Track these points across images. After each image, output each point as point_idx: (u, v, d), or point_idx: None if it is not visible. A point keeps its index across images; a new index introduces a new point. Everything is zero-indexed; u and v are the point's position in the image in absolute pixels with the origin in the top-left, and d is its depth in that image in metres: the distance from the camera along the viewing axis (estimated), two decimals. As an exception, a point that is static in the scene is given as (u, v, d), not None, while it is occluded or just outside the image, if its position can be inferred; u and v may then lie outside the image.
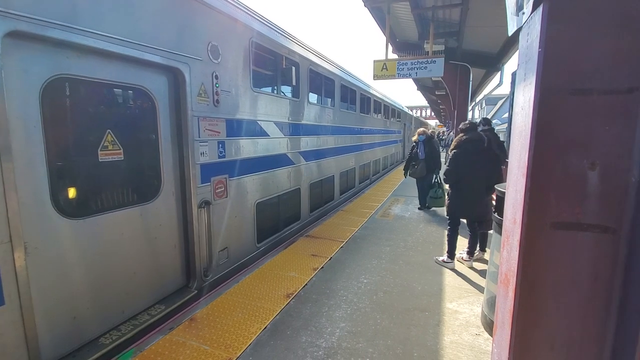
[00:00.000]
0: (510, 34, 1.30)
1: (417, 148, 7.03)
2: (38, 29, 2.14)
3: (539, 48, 1.03)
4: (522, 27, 1.19)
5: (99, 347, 2.56)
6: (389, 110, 14.37)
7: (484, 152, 3.95)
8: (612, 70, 1.06)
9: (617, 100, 1.07)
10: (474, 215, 4.14)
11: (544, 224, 1.17)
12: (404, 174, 7.48)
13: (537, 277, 1.20)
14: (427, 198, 6.91)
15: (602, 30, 1.02)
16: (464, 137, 4.00)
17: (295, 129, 5.67)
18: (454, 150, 4.03)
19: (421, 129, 7.23)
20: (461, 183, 4.02)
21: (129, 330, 2.79)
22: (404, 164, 7.68)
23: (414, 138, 7.17)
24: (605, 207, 1.13)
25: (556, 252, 1.19)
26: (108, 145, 2.69)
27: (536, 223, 1.16)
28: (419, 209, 7.27)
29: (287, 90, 5.67)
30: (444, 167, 5.15)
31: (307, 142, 6.18)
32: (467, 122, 4.24)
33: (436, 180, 6.79)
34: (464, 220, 4.31)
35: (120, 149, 2.78)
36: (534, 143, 1.08)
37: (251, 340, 2.68)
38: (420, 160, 6.98)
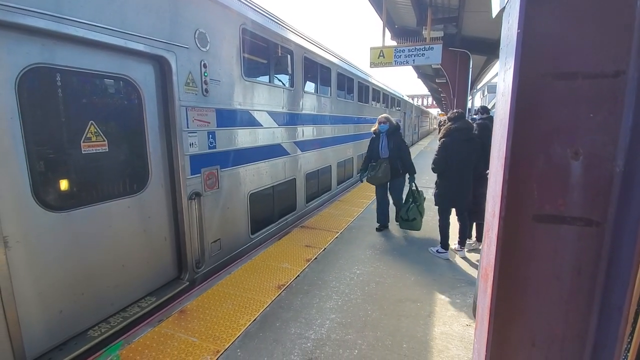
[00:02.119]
0: (494, 15, 1.22)
1: (379, 142, 4.97)
2: (11, 16, 2.06)
3: (518, 29, 0.96)
4: (504, 7, 1.12)
5: (87, 340, 2.55)
6: (388, 99, 14.19)
7: (472, 141, 3.92)
8: (597, 53, 0.99)
9: (603, 84, 1.00)
10: (462, 204, 4.11)
11: (525, 217, 1.12)
12: (360, 177, 5.31)
13: (518, 272, 1.16)
14: (396, 216, 5.11)
15: (586, 8, 0.95)
16: (453, 125, 3.96)
17: (290, 119, 5.59)
18: (443, 139, 4.00)
19: (383, 115, 5.06)
20: (449, 172, 3.98)
21: (118, 322, 2.78)
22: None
23: (373, 128, 5.09)
24: (590, 199, 1.07)
25: (538, 246, 1.13)
26: (91, 137, 2.63)
27: (516, 216, 1.11)
28: (377, 229, 5.12)
29: (281, 79, 5.57)
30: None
31: (303, 132, 6.09)
32: (455, 111, 4.19)
33: (412, 192, 4.82)
34: None
35: (104, 141, 2.72)
36: (512, 131, 1.02)
37: (240, 332, 2.66)
38: (383, 160, 4.88)
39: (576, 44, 1.00)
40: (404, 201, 4.89)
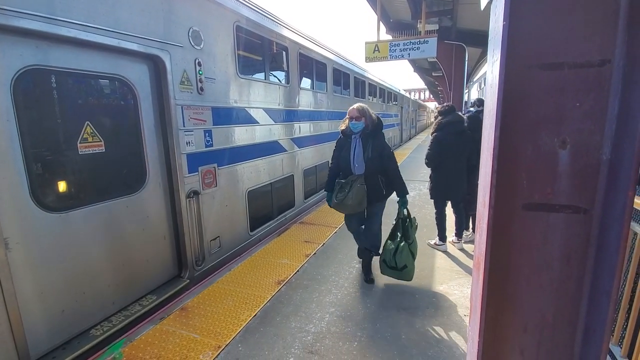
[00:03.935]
0: (482, 8, 1.23)
1: (351, 148, 3.20)
2: (4, 19, 2.06)
3: (504, 21, 0.97)
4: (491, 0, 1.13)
5: (90, 339, 2.58)
6: (385, 94, 14.17)
7: (463, 133, 3.95)
8: (583, 43, 1.01)
9: (589, 74, 1.02)
10: (456, 196, 4.14)
11: (514, 206, 1.14)
12: (327, 200, 3.46)
13: (509, 261, 1.18)
14: (379, 260, 3.28)
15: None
16: (444, 119, 3.97)
17: (287, 115, 5.59)
18: (435, 134, 4.02)
19: (356, 107, 3.18)
20: (442, 165, 4.01)
21: (119, 321, 2.81)
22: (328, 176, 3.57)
23: (342, 127, 3.32)
24: (577, 186, 1.09)
25: (527, 234, 1.16)
26: (88, 137, 2.64)
27: (506, 205, 1.13)
28: (367, 280, 3.40)
29: (276, 75, 5.56)
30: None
31: (300, 128, 6.10)
32: (445, 104, 4.21)
33: (401, 223, 3.27)
34: None
35: (100, 141, 2.73)
36: (500, 122, 1.03)
37: (241, 328, 2.70)
38: (356, 177, 3.14)
39: (562, 34, 1.02)
40: (388, 236, 3.31)
